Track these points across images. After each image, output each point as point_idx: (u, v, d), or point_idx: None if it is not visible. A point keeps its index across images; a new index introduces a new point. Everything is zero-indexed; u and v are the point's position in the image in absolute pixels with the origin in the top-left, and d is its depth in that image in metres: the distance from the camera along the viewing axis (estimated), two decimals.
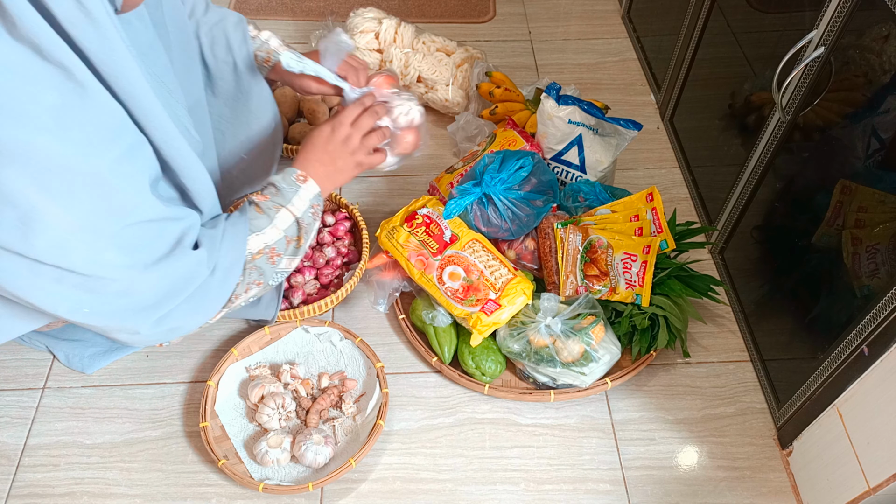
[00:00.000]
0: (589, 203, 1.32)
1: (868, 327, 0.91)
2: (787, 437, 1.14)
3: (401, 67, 1.66)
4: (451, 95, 1.64)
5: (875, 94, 0.94)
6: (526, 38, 1.97)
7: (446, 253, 1.22)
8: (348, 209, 1.41)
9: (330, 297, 1.24)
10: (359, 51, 1.70)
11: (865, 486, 0.94)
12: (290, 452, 1.09)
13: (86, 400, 1.19)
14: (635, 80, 1.84)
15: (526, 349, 1.15)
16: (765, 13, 1.28)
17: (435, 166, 1.59)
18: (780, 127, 1.14)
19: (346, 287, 1.25)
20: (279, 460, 1.08)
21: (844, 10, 0.95)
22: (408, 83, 1.67)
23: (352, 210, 1.40)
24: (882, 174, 0.93)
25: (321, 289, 1.30)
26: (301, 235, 1.04)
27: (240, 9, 2.03)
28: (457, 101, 1.65)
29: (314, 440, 1.08)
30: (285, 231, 1.02)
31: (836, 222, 1.02)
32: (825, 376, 1.01)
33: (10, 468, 1.12)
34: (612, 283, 1.20)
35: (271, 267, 1.01)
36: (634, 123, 1.34)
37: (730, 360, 1.27)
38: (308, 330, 1.26)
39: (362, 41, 1.70)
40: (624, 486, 1.12)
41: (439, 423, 1.18)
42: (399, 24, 1.71)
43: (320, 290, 1.30)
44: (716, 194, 1.42)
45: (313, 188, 1.05)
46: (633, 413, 1.20)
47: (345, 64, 1.17)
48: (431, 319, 1.22)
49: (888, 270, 0.90)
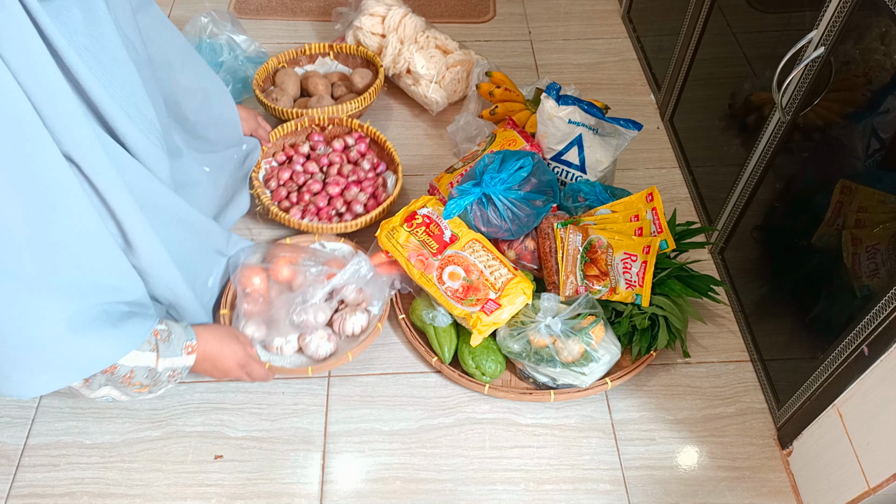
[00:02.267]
0: (589, 203, 1.32)
1: (868, 327, 0.91)
2: (787, 437, 1.14)
3: (394, 55, 1.69)
4: (430, 93, 1.66)
5: (875, 94, 0.94)
6: (526, 38, 1.97)
7: (446, 253, 1.22)
8: (362, 128, 1.54)
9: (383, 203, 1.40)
10: (362, 31, 1.74)
11: (865, 486, 0.94)
12: (296, 345, 1.23)
13: (86, 400, 1.19)
14: (635, 80, 1.84)
15: (526, 349, 1.15)
16: (765, 13, 1.28)
17: (435, 166, 1.60)
18: (780, 127, 1.14)
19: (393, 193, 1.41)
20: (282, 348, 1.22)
21: (844, 10, 0.95)
22: (398, 72, 1.70)
23: (365, 127, 1.54)
24: (882, 174, 0.93)
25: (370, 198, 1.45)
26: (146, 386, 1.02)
27: (240, 9, 2.03)
28: (436, 100, 1.67)
29: (319, 335, 1.21)
30: (134, 368, 0.97)
31: (836, 222, 1.02)
32: (825, 376, 1.01)
33: (10, 468, 1.12)
34: (612, 283, 1.20)
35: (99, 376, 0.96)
36: (634, 123, 1.34)
37: (730, 360, 1.27)
38: (324, 245, 1.35)
39: (368, 23, 1.74)
40: (624, 486, 1.12)
41: (439, 423, 1.18)
42: (406, 13, 1.73)
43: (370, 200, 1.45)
44: (716, 194, 1.42)
45: (189, 362, 1.05)
46: (633, 413, 1.20)
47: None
48: (431, 319, 1.22)
49: (888, 270, 0.90)
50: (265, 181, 1.47)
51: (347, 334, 1.25)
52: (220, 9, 1.82)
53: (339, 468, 1.13)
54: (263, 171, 1.47)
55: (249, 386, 1.22)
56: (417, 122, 1.70)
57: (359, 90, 1.68)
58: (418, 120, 1.71)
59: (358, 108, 1.58)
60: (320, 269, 1.25)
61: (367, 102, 1.60)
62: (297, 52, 1.74)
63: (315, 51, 1.76)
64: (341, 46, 1.76)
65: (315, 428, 1.17)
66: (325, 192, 1.43)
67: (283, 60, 1.72)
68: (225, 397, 1.20)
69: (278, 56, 1.71)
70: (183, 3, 2.04)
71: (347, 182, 1.45)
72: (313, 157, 1.52)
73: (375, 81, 1.64)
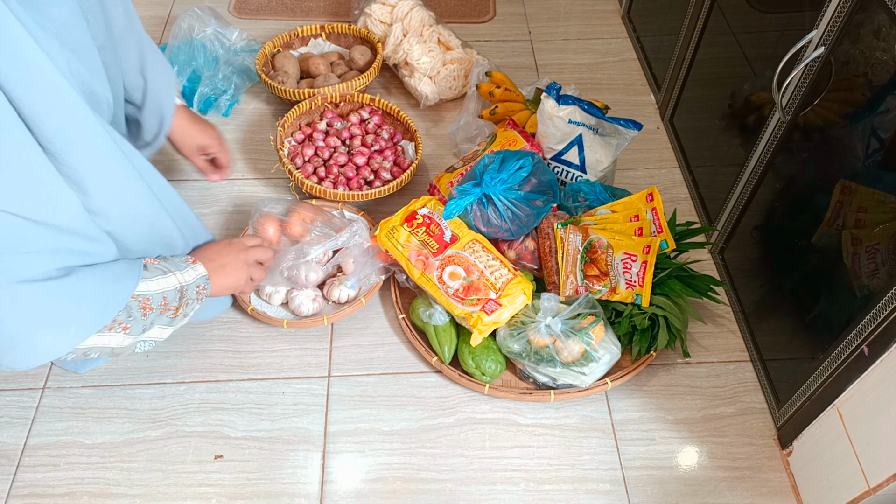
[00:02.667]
0: (589, 203, 1.32)
1: (868, 327, 0.91)
2: (787, 437, 1.14)
3: (395, 44, 1.72)
4: (421, 87, 1.68)
5: (875, 94, 0.94)
6: (526, 38, 1.97)
7: (446, 253, 1.22)
8: (374, 101, 1.59)
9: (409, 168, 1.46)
10: (371, 18, 1.78)
11: (865, 486, 0.94)
12: (284, 297, 1.29)
13: (86, 400, 1.19)
14: (635, 80, 1.84)
15: (526, 349, 1.15)
16: (765, 13, 1.28)
17: (435, 166, 1.60)
18: (780, 127, 1.14)
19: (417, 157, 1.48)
20: (271, 297, 1.28)
21: (844, 10, 0.95)
22: (397, 61, 1.74)
23: (377, 101, 1.59)
24: (882, 174, 0.93)
25: (394, 166, 1.51)
26: (180, 306, 1.00)
27: (240, 9, 2.03)
28: (425, 93, 1.68)
29: (306, 293, 1.27)
30: (165, 292, 0.97)
31: (835, 222, 1.02)
32: (825, 376, 1.01)
33: (10, 468, 1.12)
34: (612, 284, 1.20)
35: (141, 318, 0.95)
36: (634, 123, 1.34)
37: (730, 360, 1.27)
38: (344, 214, 1.40)
39: (378, 11, 1.78)
40: (624, 486, 1.12)
41: (439, 423, 1.18)
42: (415, 6, 1.75)
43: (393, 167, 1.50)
44: (716, 194, 1.42)
45: (201, 269, 1.05)
46: (633, 413, 1.20)
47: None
48: (429, 317, 1.22)
49: (888, 270, 0.90)
50: (291, 159, 1.49)
51: (333, 300, 1.30)
52: (208, 6, 1.82)
53: (339, 468, 1.13)
54: (287, 150, 1.50)
55: (249, 386, 1.22)
56: (408, 113, 1.71)
57: (360, 67, 1.73)
58: (411, 111, 1.73)
59: (364, 84, 1.64)
60: (328, 232, 1.30)
61: (371, 77, 1.65)
62: (290, 34, 1.78)
63: (307, 32, 1.80)
64: (332, 26, 1.80)
65: (315, 428, 1.17)
66: (352, 163, 1.49)
67: (278, 45, 1.76)
68: (225, 397, 1.20)
69: (272, 41, 1.74)
70: (183, 3, 2.03)
71: (371, 152, 1.52)
72: (332, 132, 1.56)
73: (376, 58, 1.68)
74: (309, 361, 1.26)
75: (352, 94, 1.59)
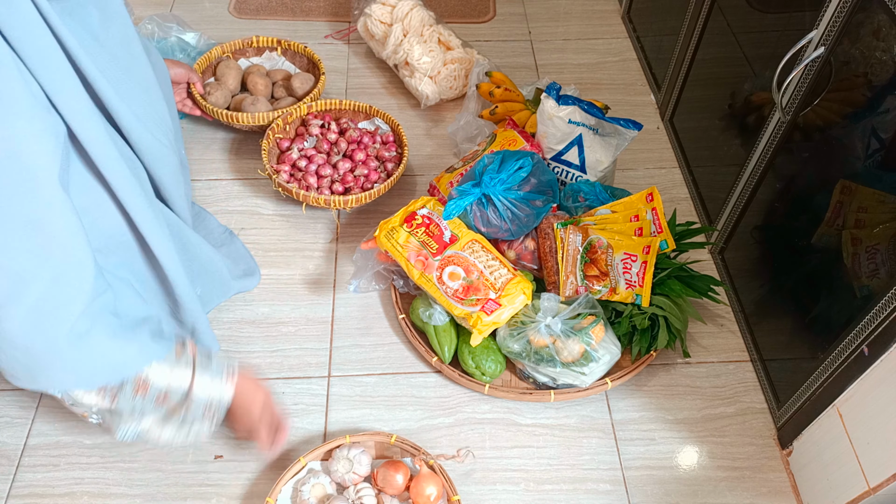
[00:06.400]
0: (589, 203, 1.32)
1: (868, 327, 0.91)
2: (787, 437, 1.14)
3: (395, 44, 1.71)
4: (421, 87, 1.68)
5: (875, 94, 0.94)
6: (526, 38, 1.97)
7: (446, 253, 1.22)
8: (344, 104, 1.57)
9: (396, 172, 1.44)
10: (371, 18, 1.76)
11: (865, 486, 0.94)
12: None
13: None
14: (635, 80, 1.84)
15: (526, 349, 1.15)
16: (765, 13, 1.28)
17: (435, 166, 1.60)
18: (780, 127, 1.14)
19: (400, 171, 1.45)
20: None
21: (844, 10, 0.95)
22: (397, 62, 1.73)
23: (374, 110, 1.58)
24: (882, 174, 0.93)
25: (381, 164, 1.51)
26: (178, 410, 0.92)
27: (240, 9, 2.03)
28: (426, 93, 1.68)
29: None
30: (168, 388, 0.90)
31: (835, 222, 1.02)
32: (825, 376, 1.01)
33: (10, 468, 1.12)
34: (612, 284, 1.20)
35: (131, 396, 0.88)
36: (634, 123, 1.34)
37: (730, 360, 1.27)
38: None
39: (378, 11, 1.76)
40: (624, 486, 1.12)
41: (439, 423, 1.18)
42: (415, 6, 1.74)
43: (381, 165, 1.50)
44: (716, 194, 1.42)
45: (227, 396, 0.95)
46: (633, 413, 1.20)
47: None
48: (429, 318, 1.22)
49: (888, 270, 0.90)
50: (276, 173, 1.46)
51: None
52: (163, 13, 1.82)
53: None
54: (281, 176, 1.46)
55: None
56: (408, 114, 1.72)
57: (298, 96, 1.62)
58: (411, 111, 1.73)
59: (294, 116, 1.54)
60: None
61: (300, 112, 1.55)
62: (244, 42, 1.70)
63: (263, 44, 1.72)
64: (289, 43, 1.72)
65: (315, 428, 1.17)
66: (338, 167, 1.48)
67: (229, 50, 1.68)
68: None
69: (223, 45, 1.67)
70: (182, 3, 2.03)
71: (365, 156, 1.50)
72: (322, 137, 1.53)
73: (315, 89, 1.60)
74: (309, 361, 1.26)
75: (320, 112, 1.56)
